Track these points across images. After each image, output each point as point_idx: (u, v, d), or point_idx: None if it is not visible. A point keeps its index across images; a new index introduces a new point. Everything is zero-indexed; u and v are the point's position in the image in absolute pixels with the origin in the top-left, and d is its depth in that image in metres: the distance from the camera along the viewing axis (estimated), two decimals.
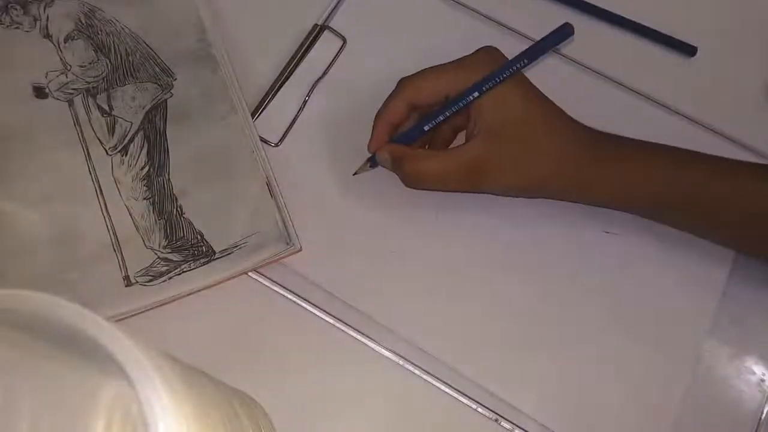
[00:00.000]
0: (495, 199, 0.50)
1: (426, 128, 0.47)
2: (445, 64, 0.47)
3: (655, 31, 0.56)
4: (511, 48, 0.46)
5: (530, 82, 0.47)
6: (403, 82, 0.47)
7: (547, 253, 0.51)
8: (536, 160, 0.46)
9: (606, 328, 0.50)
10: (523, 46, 0.44)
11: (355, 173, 0.51)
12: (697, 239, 0.50)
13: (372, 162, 0.50)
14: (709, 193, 0.46)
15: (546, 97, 0.47)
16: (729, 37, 0.57)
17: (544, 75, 0.48)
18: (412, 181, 0.48)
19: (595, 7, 0.56)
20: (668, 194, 0.46)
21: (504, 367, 0.48)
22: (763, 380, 0.49)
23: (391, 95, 0.48)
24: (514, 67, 0.44)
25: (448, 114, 0.46)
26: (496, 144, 0.45)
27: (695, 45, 0.56)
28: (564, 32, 0.43)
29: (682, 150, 0.47)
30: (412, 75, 0.47)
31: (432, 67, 0.47)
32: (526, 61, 0.44)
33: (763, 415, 0.49)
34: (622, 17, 0.56)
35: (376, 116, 0.48)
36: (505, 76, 0.44)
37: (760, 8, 0.58)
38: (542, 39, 0.44)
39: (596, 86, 0.55)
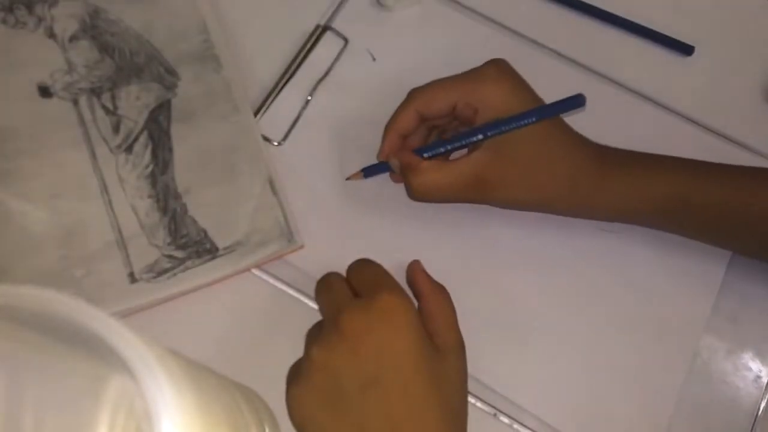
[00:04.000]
0: None
1: (443, 150, 0.47)
2: (454, 76, 0.47)
3: (653, 30, 0.56)
4: (510, 47, 0.47)
5: (538, 97, 0.47)
6: (413, 93, 0.47)
7: (544, 252, 0.51)
8: (545, 178, 0.46)
9: (604, 324, 0.50)
10: (523, 46, 0.45)
11: (347, 178, 0.51)
12: None
13: (366, 172, 0.50)
14: (714, 200, 0.46)
15: None
16: (726, 36, 0.57)
17: (541, 74, 0.48)
18: (419, 194, 0.47)
19: (592, 6, 0.57)
20: (673, 205, 0.46)
21: (502, 362, 0.49)
22: (759, 377, 0.50)
23: (401, 105, 0.48)
24: (524, 122, 0.44)
25: (466, 142, 0.46)
26: (503, 158, 0.45)
27: (692, 44, 0.56)
28: (577, 101, 0.44)
29: (686, 160, 0.47)
30: (422, 86, 0.47)
31: (442, 79, 0.47)
32: (534, 119, 0.44)
33: (760, 412, 0.49)
34: (620, 17, 0.56)
35: (386, 126, 0.48)
36: (512, 127, 0.45)
37: (756, 7, 0.58)
38: (555, 103, 0.45)
39: (593, 85, 0.55)
